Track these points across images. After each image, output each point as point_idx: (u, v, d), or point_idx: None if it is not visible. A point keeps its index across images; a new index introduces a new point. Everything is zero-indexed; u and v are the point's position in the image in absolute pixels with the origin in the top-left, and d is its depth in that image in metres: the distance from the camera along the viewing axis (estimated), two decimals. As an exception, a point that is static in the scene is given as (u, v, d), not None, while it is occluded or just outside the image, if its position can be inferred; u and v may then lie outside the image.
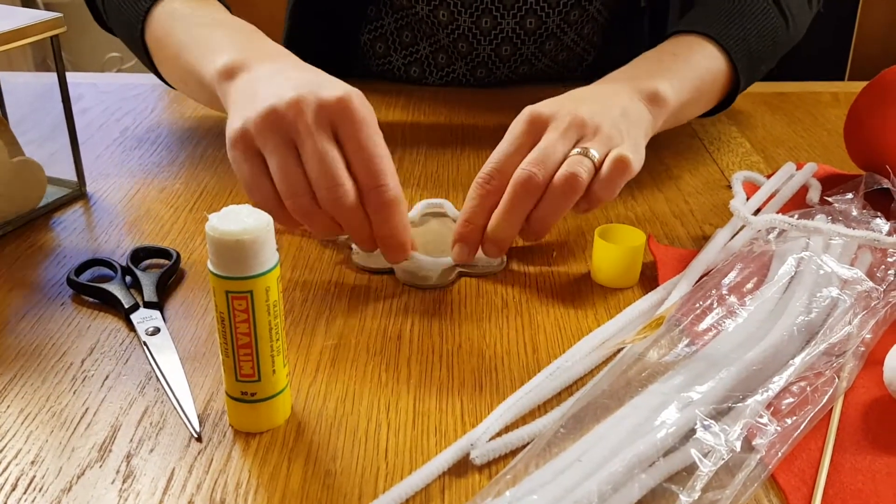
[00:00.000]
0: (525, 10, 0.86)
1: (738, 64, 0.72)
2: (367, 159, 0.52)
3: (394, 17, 0.91)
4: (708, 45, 0.72)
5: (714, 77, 0.72)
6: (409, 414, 0.45)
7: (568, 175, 0.55)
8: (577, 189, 0.55)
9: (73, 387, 0.47)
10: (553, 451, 0.41)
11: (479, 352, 0.50)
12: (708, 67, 0.71)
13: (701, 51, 0.71)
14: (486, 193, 0.56)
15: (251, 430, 0.44)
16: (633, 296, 0.56)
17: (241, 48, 0.61)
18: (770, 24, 0.76)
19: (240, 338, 0.41)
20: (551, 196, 0.56)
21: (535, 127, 0.58)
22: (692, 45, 0.72)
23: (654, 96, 0.65)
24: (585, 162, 0.56)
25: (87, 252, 0.60)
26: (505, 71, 0.92)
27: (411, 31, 0.91)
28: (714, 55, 0.72)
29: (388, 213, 0.53)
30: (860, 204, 0.61)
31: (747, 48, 0.73)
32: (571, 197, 0.56)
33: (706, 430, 0.41)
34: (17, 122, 0.75)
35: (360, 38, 0.94)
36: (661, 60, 0.70)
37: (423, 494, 0.40)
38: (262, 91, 0.55)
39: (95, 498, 0.40)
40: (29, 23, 0.61)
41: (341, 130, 0.53)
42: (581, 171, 0.55)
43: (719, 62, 0.72)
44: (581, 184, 0.55)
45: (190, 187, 0.70)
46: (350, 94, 0.53)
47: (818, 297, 0.51)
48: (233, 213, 0.40)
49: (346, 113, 0.52)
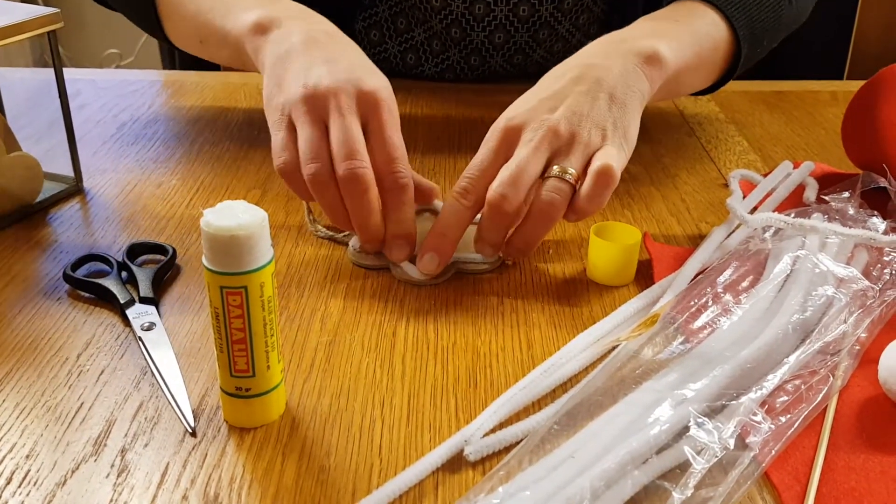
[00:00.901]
0: None
1: (740, 32, 0.69)
2: (388, 147, 0.56)
3: (388, 3, 0.91)
4: (710, 11, 0.69)
5: (715, 45, 0.69)
6: (403, 410, 0.45)
7: (543, 205, 0.54)
8: (554, 216, 0.55)
9: (69, 381, 0.47)
10: (546, 447, 0.41)
11: (473, 348, 0.50)
12: (709, 34, 0.68)
13: (703, 17, 0.69)
14: (462, 209, 0.56)
15: (245, 426, 0.44)
16: (628, 293, 0.56)
17: (267, 5, 0.65)
18: None
19: (234, 333, 0.41)
20: (530, 223, 0.55)
21: (508, 137, 0.57)
22: (693, 11, 0.69)
23: (653, 57, 0.62)
24: (562, 187, 0.54)
25: (84, 247, 0.60)
26: (499, 60, 0.92)
27: (405, 17, 0.91)
28: (716, 22, 0.69)
29: (400, 198, 0.55)
30: (857, 203, 0.61)
31: (750, 19, 0.71)
32: (549, 223, 0.55)
33: (700, 428, 0.41)
34: (15, 118, 0.75)
35: (355, 25, 0.94)
36: (661, 24, 0.68)
37: (416, 490, 0.40)
38: (300, 68, 0.59)
39: (90, 492, 0.40)
40: (26, 18, 0.61)
41: (370, 120, 0.57)
42: (557, 198, 0.54)
43: (721, 30, 0.69)
44: (558, 210, 0.54)
45: (186, 183, 0.70)
46: (383, 88, 0.58)
47: (814, 295, 0.51)
48: (228, 209, 0.40)
49: (378, 105, 0.57)
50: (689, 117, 0.86)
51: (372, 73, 0.59)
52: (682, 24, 0.68)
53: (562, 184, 0.55)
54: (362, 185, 0.54)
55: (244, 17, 0.65)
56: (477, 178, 0.56)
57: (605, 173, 0.54)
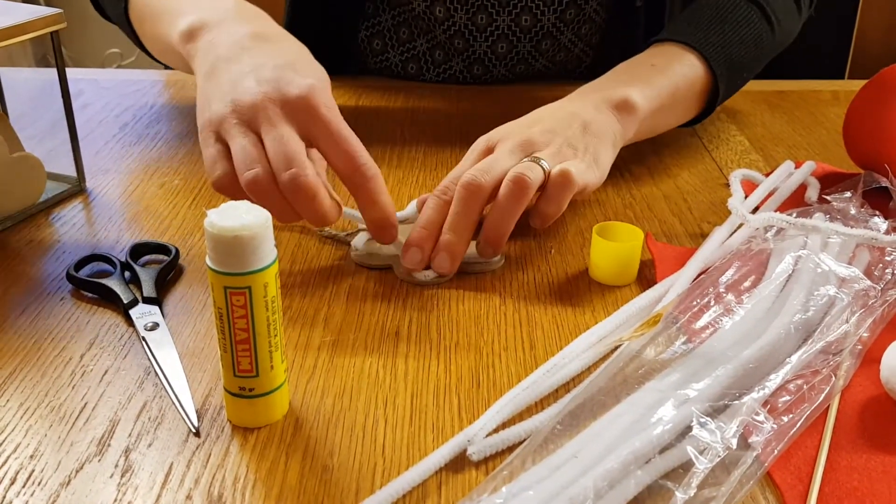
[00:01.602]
0: (520, 7, 0.86)
1: (717, 71, 0.72)
2: (340, 144, 0.54)
3: (391, 13, 0.91)
4: (687, 53, 0.72)
5: (691, 84, 0.72)
6: (406, 410, 0.45)
7: (515, 176, 0.56)
8: (524, 190, 0.55)
9: (73, 381, 0.47)
10: (549, 447, 0.41)
11: (476, 348, 0.50)
12: (685, 75, 0.71)
13: (679, 60, 0.72)
14: (442, 204, 0.57)
15: (249, 426, 0.44)
16: (630, 293, 0.56)
17: (202, 8, 0.63)
18: (753, 31, 0.76)
19: (238, 333, 0.41)
20: (501, 200, 0.56)
21: (487, 150, 0.61)
22: (671, 55, 0.72)
23: (623, 104, 0.66)
24: (535, 168, 0.57)
25: (87, 247, 0.60)
26: (502, 69, 0.92)
27: (408, 27, 0.91)
28: (693, 64, 0.72)
29: (373, 190, 0.55)
30: (858, 202, 0.61)
31: (728, 56, 0.74)
32: (520, 199, 0.55)
33: (702, 428, 0.41)
34: (17, 118, 0.75)
35: (357, 34, 0.94)
36: (636, 70, 0.71)
37: (420, 490, 0.40)
38: (227, 81, 0.57)
39: (94, 492, 0.40)
40: (29, 18, 0.61)
41: (311, 126, 0.54)
42: (528, 174, 0.55)
43: (698, 70, 0.72)
44: (529, 185, 0.55)
45: (189, 183, 0.70)
46: (312, 90, 0.55)
47: (815, 295, 0.51)
48: (231, 209, 0.40)
49: (311, 108, 0.54)
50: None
51: (301, 73, 0.56)
52: (657, 68, 0.71)
53: (535, 166, 0.57)
54: (309, 193, 0.52)
55: (179, 22, 0.63)
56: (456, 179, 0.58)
57: (565, 174, 0.57)
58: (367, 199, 0.55)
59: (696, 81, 0.72)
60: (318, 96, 0.55)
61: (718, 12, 0.75)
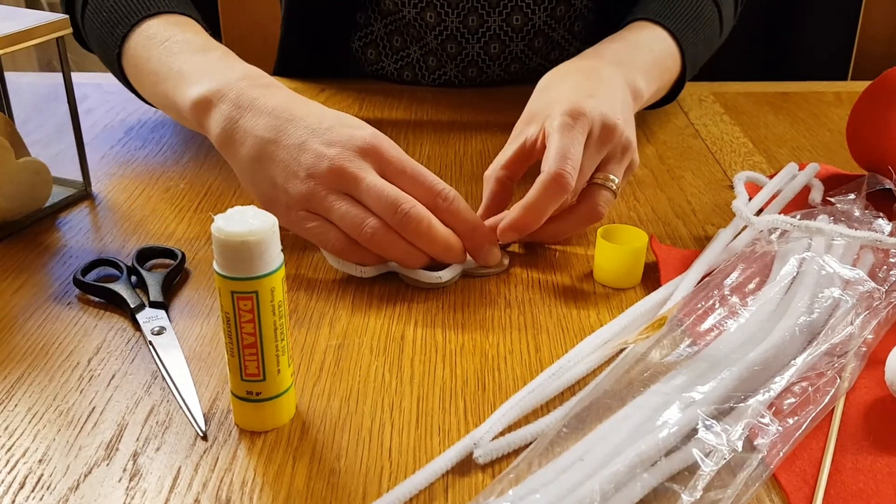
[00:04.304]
0: (511, 6, 0.87)
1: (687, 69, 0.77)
2: (416, 179, 0.55)
3: (383, 22, 0.91)
4: (676, 50, 0.76)
5: (671, 79, 0.77)
6: (412, 413, 0.45)
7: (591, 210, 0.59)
8: (595, 220, 0.60)
9: (80, 386, 0.47)
10: (556, 450, 0.41)
11: (482, 351, 0.50)
12: (671, 70, 0.76)
13: (668, 50, 0.76)
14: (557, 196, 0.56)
15: (256, 429, 0.44)
16: (635, 296, 0.56)
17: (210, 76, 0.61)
18: (713, 32, 0.82)
19: (245, 338, 0.41)
20: (573, 218, 0.60)
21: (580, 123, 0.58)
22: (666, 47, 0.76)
23: (636, 92, 0.68)
24: (609, 197, 0.60)
25: (93, 252, 0.61)
26: (496, 70, 0.92)
27: (401, 35, 0.91)
28: (677, 61, 0.77)
29: (459, 210, 0.56)
30: (862, 204, 0.61)
31: (693, 56, 0.78)
32: (587, 225, 0.61)
33: (708, 430, 0.41)
34: (23, 123, 0.76)
35: (351, 45, 0.94)
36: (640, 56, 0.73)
37: (426, 493, 0.40)
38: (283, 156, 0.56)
39: (102, 496, 0.40)
40: (35, 24, 0.61)
41: (384, 169, 0.55)
42: (604, 209, 0.60)
43: (677, 67, 0.77)
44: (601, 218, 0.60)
45: (195, 187, 0.70)
46: (375, 136, 0.56)
47: (820, 297, 0.51)
48: (238, 215, 0.40)
49: (380, 152, 0.55)
50: (694, 119, 0.86)
51: (351, 126, 0.57)
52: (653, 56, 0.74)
53: (610, 195, 0.60)
54: (424, 223, 0.54)
55: (189, 91, 0.61)
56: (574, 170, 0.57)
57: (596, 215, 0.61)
58: (457, 218, 0.56)
59: (673, 77, 0.77)
60: (381, 141, 0.56)
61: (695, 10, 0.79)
